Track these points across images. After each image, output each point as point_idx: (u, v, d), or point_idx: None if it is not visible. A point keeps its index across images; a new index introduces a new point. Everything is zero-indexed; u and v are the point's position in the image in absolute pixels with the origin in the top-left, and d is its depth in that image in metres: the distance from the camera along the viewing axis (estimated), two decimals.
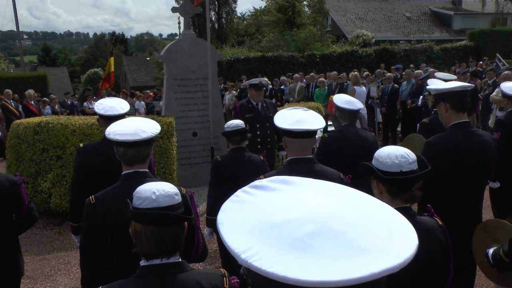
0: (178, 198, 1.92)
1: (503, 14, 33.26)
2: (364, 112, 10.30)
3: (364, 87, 12.21)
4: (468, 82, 10.82)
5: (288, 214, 0.83)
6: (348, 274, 0.72)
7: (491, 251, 2.87)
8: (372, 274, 0.73)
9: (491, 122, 9.13)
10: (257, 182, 0.96)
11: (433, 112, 5.19)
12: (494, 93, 9.07)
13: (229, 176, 4.23)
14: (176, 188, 1.97)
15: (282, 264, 0.75)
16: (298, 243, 0.78)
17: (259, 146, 6.14)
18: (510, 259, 2.69)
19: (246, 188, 0.95)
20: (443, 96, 3.49)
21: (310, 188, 0.94)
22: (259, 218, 0.85)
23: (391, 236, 0.82)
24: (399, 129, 13.24)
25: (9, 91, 14.25)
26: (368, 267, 0.74)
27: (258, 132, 6.31)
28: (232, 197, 0.94)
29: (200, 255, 2.73)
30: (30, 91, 14.84)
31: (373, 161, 2.30)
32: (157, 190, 1.88)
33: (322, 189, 0.95)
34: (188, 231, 1.96)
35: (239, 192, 0.95)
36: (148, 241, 1.83)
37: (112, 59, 16.38)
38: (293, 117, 2.97)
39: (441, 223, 2.31)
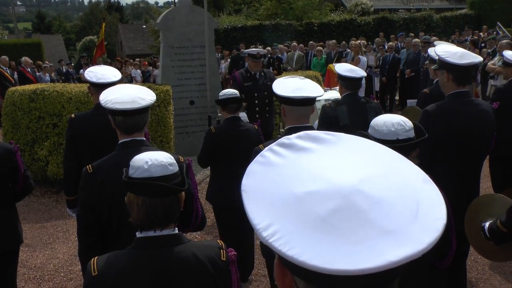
0: (173, 169, 1.86)
1: None
2: (363, 82, 10.20)
3: (365, 56, 12.12)
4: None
5: (312, 184, 0.82)
6: (366, 263, 0.72)
7: (487, 224, 2.85)
8: (390, 263, 0.72)
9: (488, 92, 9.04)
10: (285, 140, 0.93)
11: (434, 82, 5.14)
12: (495, 60, 8.88)
13: (224, 148, 4.19)
14: (172, 158, 1.91)
15: (302, 248, 0.75)
16: (320, 222, 0.77)
17: (257, 115, 6.12)
18: (508, 229, 2.69)
19: (273, 146, 0.93)
20: (449, 66, 3.39)
21: (340, 148, 0.93)
22: (283, 188, 0.84)
23: (417, 215, 0.81)
24: (397, 98, 13.19)
25: (5, 57, 14.05)
26: (387, 254, 0.73)
27: (257, 101, 6.27)
28: (259, 158, 0.91)
29: (198, 224, 2.72)
30: (27, 58, 14.66)
31: (369, 130, 2.27)
32: (150, 160, 1.83)
33: (352, 149, 0.93)
34: (186, 199, 1.93)
35: (265, 152, 0.92)
36: (140, 211, 1.79)
37: (103, 25, 16.08)
38: (292, 85, 2.93)
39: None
